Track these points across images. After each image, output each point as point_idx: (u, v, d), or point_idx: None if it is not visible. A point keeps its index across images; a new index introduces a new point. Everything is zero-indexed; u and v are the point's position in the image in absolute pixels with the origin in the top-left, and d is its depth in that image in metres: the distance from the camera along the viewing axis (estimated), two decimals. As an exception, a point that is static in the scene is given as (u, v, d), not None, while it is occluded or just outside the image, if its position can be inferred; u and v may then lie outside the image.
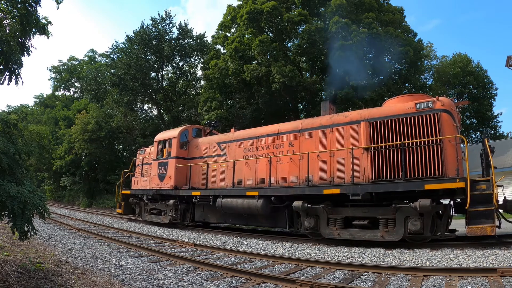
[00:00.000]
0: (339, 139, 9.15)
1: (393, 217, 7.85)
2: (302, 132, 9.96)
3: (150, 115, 36.23)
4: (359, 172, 8.61)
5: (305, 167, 9.40)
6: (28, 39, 5.37)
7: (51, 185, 42.05)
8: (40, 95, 58.57)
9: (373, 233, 8.07)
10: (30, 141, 20.86)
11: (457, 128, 7.98)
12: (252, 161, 10.87)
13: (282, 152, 10.23)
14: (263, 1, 21.84)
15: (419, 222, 7.42)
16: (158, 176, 13.64)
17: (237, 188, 10.90)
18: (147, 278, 5.07)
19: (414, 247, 7.58)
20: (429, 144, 7.79)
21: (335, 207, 8.78)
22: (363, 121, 8.76)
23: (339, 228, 8.56)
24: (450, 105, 8.16)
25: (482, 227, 6.88)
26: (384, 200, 8.08)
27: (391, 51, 21.66)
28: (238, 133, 11.91)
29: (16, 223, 3.84)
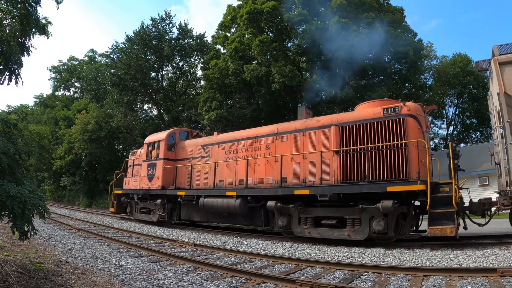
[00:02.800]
0: (312, 143, 9.58)
1: (359, 217, 8.18)
2: (278, 136, 10.43)
3: (150, 115, 36.27)
4: (329, 174, 9.00)
5: (279, 169, 9.88)
6: (28, 39, 5.36)
7: (51, 185, 42.07)
8: (40, 95, 58.67)
9: (340, 232, 8.45)
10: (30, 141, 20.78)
11: (422, 132, 8.26)
12: (232, 162, 11.38)
13: (259, 155, 10.72)
14: (263, 1, 21.85)
15: (383, 222, 7.74)
16: (147, 176, 14.21)
17: (217, 188, 11.46)
18: (147, 278, 5.07)
19: (414, 247, 7.59)
20: (394, 148, 8.12)
21: (306, 207, 9.17)
22: (334, 126, 9.19)
23: (309, 227, 8.96)
24: (416, 110, 8.44)
25: (442, 228, 7.18)
26: (351, 201, 8.41)
27: (391, 51, 21.67)
28: (220, 136, 12.48)
29: (16, 223, 3.84)
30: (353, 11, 21.03)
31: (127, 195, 15.40)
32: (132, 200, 15.05)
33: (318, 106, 22.28)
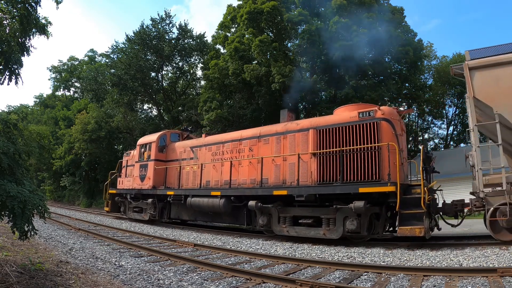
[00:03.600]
0: (291, 145, 9.94)
1: (334, 217, 8.52)
2: (261, 138, 10.84)
3: (150, 115, 36.26)
4: (307, 175, 9.32)
5: (261, 170, 10.30)
6: (28, 39, 5.36)
7: (51, 185, 42.07)
8: (40, 95, 58.64)
9: (316, 231, 8.79)
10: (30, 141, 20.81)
11: (396, 135, 8.52)
12: (218, 164, 11.81)
13: (243, 156, 11.13)
14: (263, 1, 21.85)
15: (356, 222, 8.05)
16: (139, 177, 14.73)
17: (204, 188, 11.94)
18: (147, 278, 5.07)
19: (414, 247, 7.59)
20: (368, 150, 8.41)
21: (285, 207, 9.55)
22: (312, 129, 9.49)
23: (288, 225, 9.34)
24: (391, 114, 8.72)
25: (411, 228, 7.46)
26: (327, 201, 8.72)
27: (391, 51, 21.68)
28: (208, 138, 13.01)
29: (16, 223, 3.84)
30: (353, 11, 21.04)
31: (120, 195, 15.89)
32: (125, 199, 15.52)
33: (318, 106, 22.29)
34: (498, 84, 7.70)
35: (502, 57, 7.85)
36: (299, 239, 9.33)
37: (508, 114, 7.48)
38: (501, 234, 7.46)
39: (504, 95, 7.57)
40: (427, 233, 7.53)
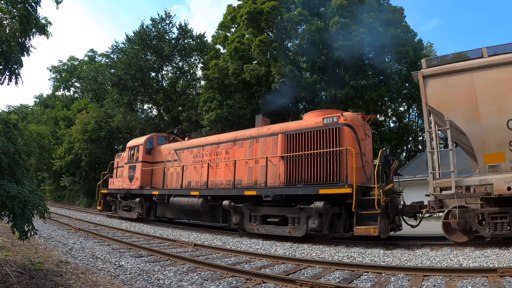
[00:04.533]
0: (263, 149, 10.50)
1: (298, 216, 9.07)
2: (236, 142, 11.43)
3: (150, 115, 36.23)
4: (276, 177, 9.89)
5: (236, 172, 10.92)
6: (28, 39, 5.36)
7: (51, 185, 42.04)
8: (40, 95, 58.55)
9: (283, 229, 9.36)
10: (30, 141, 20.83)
11: (357, 140, 9.01)
12: (198, 165, 12.46)
13: (220, 159, 11.81)
14: (263, 1, 21.85)
15: (318, 221, 8.57)
16: (128, 177, 15.59)
17: (185, 188, 12.64)
18: (147, 278, 5.07)
19: (414, 247, 7.59)
20: (330, 154, 8.90)
21: (255, 206, 10.15)
22: (281, 133, 10.07)
23: (258, 224, 9.95)
24: (353, 119, 9.21)
25: (367, 228, 7.94)
26: (293, 201, 9.25)
27: (391, 51, 21.68)
28: (190, 142, 13.80)
29: (16, 223, 3.84)
30: (353, 11, 21.03)
31: (112, 194, 16.79)
32: (116, 199, 16.36)
33: (318, 106, 22.28)
34: (450, 91, 7.98)
35: (454, 65, 8.10)
36: (299, 239, 9.33)
37: (460, 120, 7.75)
38: (455, 236, 7.76)
39: (456, 102, 7.86)
40: (383, 233, 7.92)
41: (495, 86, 7.50)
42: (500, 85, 7.46)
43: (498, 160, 7.29)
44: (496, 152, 7.32)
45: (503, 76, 7.50)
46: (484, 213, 7.35)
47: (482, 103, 7.55)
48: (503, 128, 7.26)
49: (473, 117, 7.59)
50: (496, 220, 7.17)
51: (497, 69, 7.60)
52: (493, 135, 7.39)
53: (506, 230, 7.07)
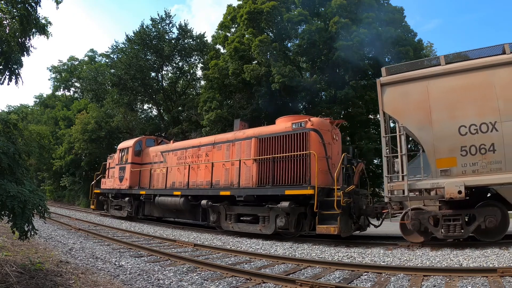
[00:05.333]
0: (238, 151, 11.11)
1: (268, 215, 9.67)
2: (215, 145, 12.09)
3: (150, 115, 36.21)
4: (249, 178, 10.48)
5: (214, 173, 11.64)
6: (28, 39, 5.37)
7: (51, 185, 42.00)
8: (40, 95, 58.46)
9: (254, 227, 9.99)
10: (30, 141, 20.89)
11: (324, 144, 9.52)
12: (182, 167, 13.15)
13: (201, 161, 12.45)
14: (263, 1, 21.83)
15: (285, 220, 9.12)
16: (119, 178, 16.40)
17: (168, 188, 13.40)
18: (147, 278, 5.07)
19: (414, 247, 7.59)
20: (297, 157, 9.43)
21: (230, 206, 10.78)
22: (254, 138, 10.65)
23: (233, 222, 10.58)
24: (319, 124, 9.71)
25: (327, 227, 8.44)
26: (263, 201, 9.79)
27: (391, 51, 21.66)
28: (174, 144, 14.52)
29: (16, 223, 3.84)
30: (353, 11, 21.02)
31: (104, 194, 17.74)
32: (108, 198, 17.28)
33: (318, 106, 22.28)
34: (406, 98, 8.30)
35: (410, 74, 8.40)
36: (299, 239, 9.33)
37: (414, 127, 8.09)
38: (412, 236, 8.08)
39: (410, 109, 8.19)
40: (343, 232, 8.42)
41: (448, 93, 7.80)
42: (452, 93, 7.76)
43: (449, 164, 7.58)
44: (448, 157, 7.61)
45: (455, 84, 7.79)
46: (438, 215, 7.62)
47: (435, 110, 7.86)
48: (455, 134, 7.55)
49: (425, 124, 7.92)
50: (449, 222, 7.49)
51: (450, 77, 7.89)
52: (445, 141, 7.68)
53: (459, 232, 7.37)
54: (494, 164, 7.17)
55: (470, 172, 7.36)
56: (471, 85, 7.62)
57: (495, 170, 7.14)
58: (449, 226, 7.48)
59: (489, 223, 7.16)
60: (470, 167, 7.38)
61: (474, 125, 7.42)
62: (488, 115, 7.33)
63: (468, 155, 7.40)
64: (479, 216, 7.32)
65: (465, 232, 7.40)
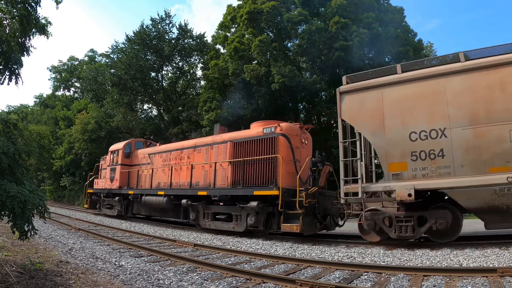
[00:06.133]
0: (216, 154, 11.77)
1: (240, 214, 10.26)
2: (196, 148, 12.75)
3: (150, 115, 36.21)
4: (224, 180, 11.12)
5: (194, 174, 12.32)
6: (28, 39, 5.37)
7: (51, 185, 42.00)
8: (40, 95, 58.48)
9: (228, 225, 10.62)
10: (30, 141, 20.93)
11: (292, 148, 10.05)
12: (166, 168, 13.83)
13: (183, 163, 13.13)
14: (263, 1, 21.82)
15: (255, 218, 9.72)
16: (110, 178, 17.22)
17: (153, 188, 14.15)
18: (147, 278, 5.07)
19: (414, 247, 7.59)
20: (267, 160, 10.01)
21: (208, 205, 11.43)
22: (230, 141, 11.31)
23: (209, 220, 11.26)
24: (288, 129, 10.24)
25: (291, 225, 9.00)
26: (236, 201, 10.37)
27: (391, 51, 21.65)
28: (161, 147, 15.37)
29: (16, 223, 3.84)
30: (353, 11, 21.01)
31: (96, 194, 18.65)
32: (100, 198, 18.17)
33: (318, 106, 22.28)
34: (362, 106, 8.68)
35: (366, 82, 8.81)
36: (299, 239, 9.33)
37: (368, 133, 8.51)
38: (369, 236, 8.41)
39: (366, 116, 8.56)
40: (305, 231, 8.93)
41: (401, 101, 8.16)
42: (405, 101, 8.11)
43: (400, 169, 7.92)
44: (399, 162, 7.96)
45: (408, 92, 8.14)
46: (392, 216, 7.90)
47: (388, 117, 8.23)
48: (406, 140, 7.90)
49: (379, 130, 8.28)
50: (401, 223, 7.78)
51: (403, 85, 8.24)
52: (396, 146, 8.03)
53: (410, 233, 7.64)
54: (443, 169, 7.48)
55: (420, 176, 7.69)
56: (423, 93, 7.94)
57: (444, 174, 7.45)
58: (401, 227, 7.77)
59: (440, 225, 7.42)
60: (420, 171, 7.71)
61: (424, 131, 7.76)
62: (438, 122, 7.64)
63: (418, 160, 7.74)
64: (431, 218, 7.57)
65: (417, 233, 7.67)
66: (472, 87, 7.46)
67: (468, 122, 7.35)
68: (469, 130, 7.31)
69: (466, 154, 7.28)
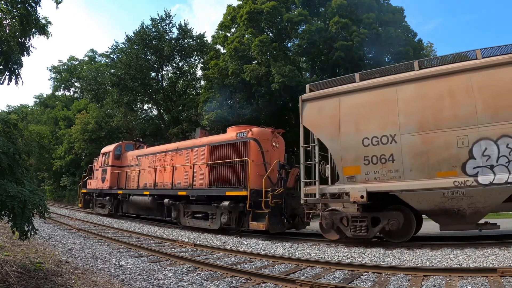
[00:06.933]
0: (196, 157, 12.53)
1: (215, 212, 11.00)
2: (178, 151, 13.59)
3: (150, 115, 36.18)
4: (202, 180, 11.84)
5: (176, 176, 13.17)
6: (28, 39, 5.37)
7: (51, 185, 41.98)
8: (40, 95, 58.45)
9: (205, 223, 11.36)
10: (30, 141, 20.93)
11: (262, 152, 10.77)
12: (152, 170, 14.68)
13: (167, 165, 13.94)
14: (263, 1, 21.81)
15: (228, 217, 10.49)
16: (101, 179, 18.22)
17: (140, 188, 15.06)
18: (147, 278, 5.07)
19: (414, 247, 7.59)
20: (239, 163, 10.71)
21: (188, 204, 12.15)
22: (207, 145, 12.10)
23: (189, 218, 12.02)
24: (259, 134, 10.99)
25: (258, 224, 9.76)
26: (212, 200, 11.07)
27: (391, 51, 21.63)
28: (147, 149, 16.41)
29: (16, 223, 3.84)
30: (353, 11, 20.99)
31: (89, 194, 19.71)
32: (92, 197, 19.22)
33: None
34: (321, 113, 9.18)
35: (325, 91, 9.34)
36: (299, 239, 9.32)
37: (325, 138, 8.96)
38: (329, 234, 8.89)
39: (324, 123, 9.05)
40: (271, 229, 9.62)
41: (356, 108, 8.62)
42: (360, 108, 8.56)
43: (354, 172, 8.36)
44: (353, 166, 8.40)
45: (362, 100, 8.58)
46: (348, 216, 8.33)
47: (344, 123, 8.71)
48: (359, 145, 8.35)
49: (335, 136, 8.76)
50: (356, 223, 8.21)
51: (359, 93, 8.72)
52: (350, 151, 8.48)
53: (364, 233, 8.05)
54: (394, 173, 7.85)
55: (372, 179, 8.11)
56: (377, 101, 8.36)
57: (395, 178, 7.83)
58: (356, 227, 8.20)
59: (392, 225, 7.81)
60: (372, 174, 8.13)
61: (376, 137, 8.17)
62: (389, 128, 8.04)
63: (370, 164, 8.17)
64: (383, 219, 7.97)
65: (370, 233, 8.08)
66: (423, 95, 7.84)
67: (417, 129, 7.73)
68: (418, 136, 7.70)
69: (414, 159, 7.66)
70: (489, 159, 6.94)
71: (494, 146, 6.93)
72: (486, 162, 6.97)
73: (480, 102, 7.18)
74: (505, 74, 7.12)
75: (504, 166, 6.82)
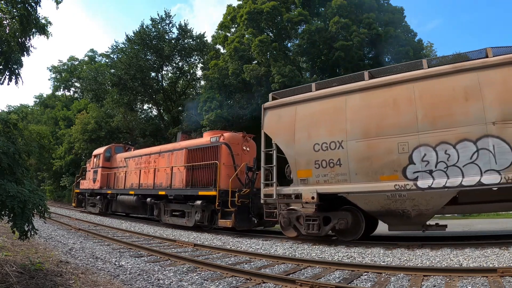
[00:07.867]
0: (175, 159, 13.42)
1: (190, 211, 11.79)
2: (161, 154, 14.58)
3: (150, 115, 36.17)
4: (181, 181, 12.62)
5: (158, 177, 14.14)
6: (28, 39, 5.37)
7: (51, 185, 41.97)
8: (40, 95, 58.42)
9: (182, 220, 12.19)
10: (30, 141, 20.92)
11: (232, 155, 11.56)
12: (137, 171, 15.60)
13: (151, 167, 14.85)
14: (263, 1, 21.81)
15: (201, 215, 11.27)
16: (93, 179, 19.31)
17: (126, 188, 16.04)
18: (147, 278, 5.07)
19: (414, 247, 7.59)
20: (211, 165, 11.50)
21: (167, 203, 13.04)
22: (185, 149, 13.00)
23: (168, 216, 12.89)
24: (229, 139, 11.86)
25: (225, 221, 10.57)
26: (189, 199, 11.89)
27: (391, 51, 21.63)
28: (134, 152, 17.46)
29: (16, 223, 3.84)
30: (353, 11, 21.00)
31: (82, 193, 20.90)
32: (85, 197, 20.34)
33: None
34: (279, 120, 9.76)
35: (284, 100, 9.91)
36: (299, 239, 9.32)
37: (282, 144, 9.50)
38: (288, 232, 9.51)
39: (281, 129, 9.62)
40: (237, 226, 10.35)
41: (309, 116, 9.18)
42: (312, 116, 9.12)
43: (306, 175, 8.92)
44: (305, 169, 8.96)
45: (315, 109, 9.14)
46: (303, 215, 8.85)
47: (298, 130, 9.25)
48: (311, 151, 8.89)
49: (291, 141, 9.31)
50: (309, 222, 8.75)
51: (312, 102, 9.27)
52: (303, 155, 9.03)
53: (317, 231, 8.61)
54: (341, 176, 8.39)
55: (322, 181, 8.66)
56: (327, 109, 8.90)
57: (342, 180, 8.37)
58: (309, 225, 8.73)
59: (340, 224, 8.39)
60: (322, 177, 8.68)
61: (326, 143, 8.71)
62: (337, 135, 8.56)
63: (320, 168, 8.72)
64: (334, 219, 8.54)
65: (322, 231, 8.63)
66: (369, 104, 8.30)
67: (362, 136, 8.20)
68: (362, 143, 8.18)
69: (359, 163, 8.14)
70: (428, 164, 7.32)
71: (433, 152, 7.30)
72: (426, 167, 7.35)
73: (421, 110, 7.56)
74: (444, 84, 7.46)
75: (443, 171, 7.18)
